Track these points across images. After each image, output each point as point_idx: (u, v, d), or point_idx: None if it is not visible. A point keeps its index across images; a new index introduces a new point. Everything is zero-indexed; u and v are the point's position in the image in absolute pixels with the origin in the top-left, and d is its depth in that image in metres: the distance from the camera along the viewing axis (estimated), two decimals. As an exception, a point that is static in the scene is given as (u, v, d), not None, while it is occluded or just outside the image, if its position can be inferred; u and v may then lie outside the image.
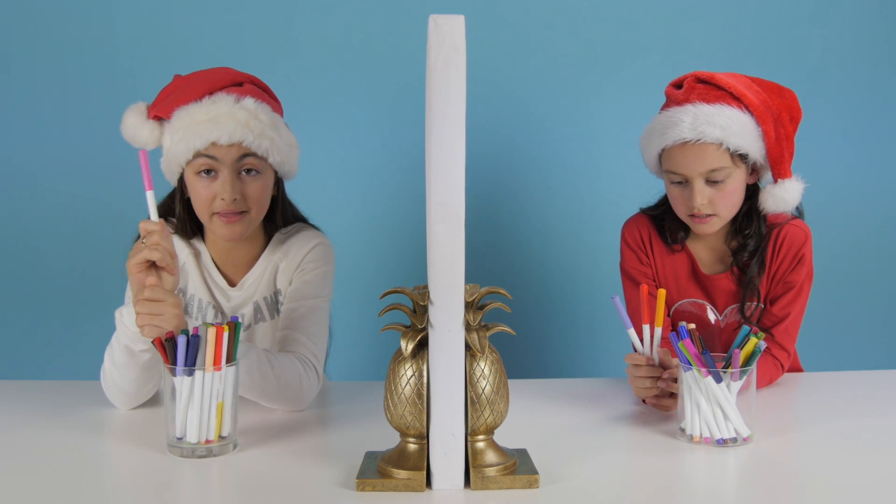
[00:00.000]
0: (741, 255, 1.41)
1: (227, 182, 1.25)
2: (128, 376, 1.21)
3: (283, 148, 1.30)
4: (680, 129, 1.31)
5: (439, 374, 0.89)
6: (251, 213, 1.28)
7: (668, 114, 1.34)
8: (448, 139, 0.83)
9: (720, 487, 0.95)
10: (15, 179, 2.04)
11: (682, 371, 1.09)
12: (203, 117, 1.23)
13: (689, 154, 1.32)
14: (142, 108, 1.30)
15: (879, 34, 2.08)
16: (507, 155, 2.07)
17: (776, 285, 1.41)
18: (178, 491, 0.94)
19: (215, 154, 1.24)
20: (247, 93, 1.28)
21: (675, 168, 1.35)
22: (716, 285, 1.44)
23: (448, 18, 0.82)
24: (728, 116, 1.29)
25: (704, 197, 1.33)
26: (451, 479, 0.91)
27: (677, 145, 1.33)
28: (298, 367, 1.23)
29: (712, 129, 1.29)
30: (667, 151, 1.35)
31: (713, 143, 1.30)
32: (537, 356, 2.10)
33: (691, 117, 1.30)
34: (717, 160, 1.31)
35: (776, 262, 1.40)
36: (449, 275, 0.86)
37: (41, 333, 2.07)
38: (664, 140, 1.34)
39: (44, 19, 2.00)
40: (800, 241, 1.40)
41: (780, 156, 1.34)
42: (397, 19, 2.02)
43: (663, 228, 1.47)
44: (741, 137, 1.30)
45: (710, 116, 1.29)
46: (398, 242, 2.07)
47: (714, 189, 1.33)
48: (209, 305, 1.37)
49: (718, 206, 1.35)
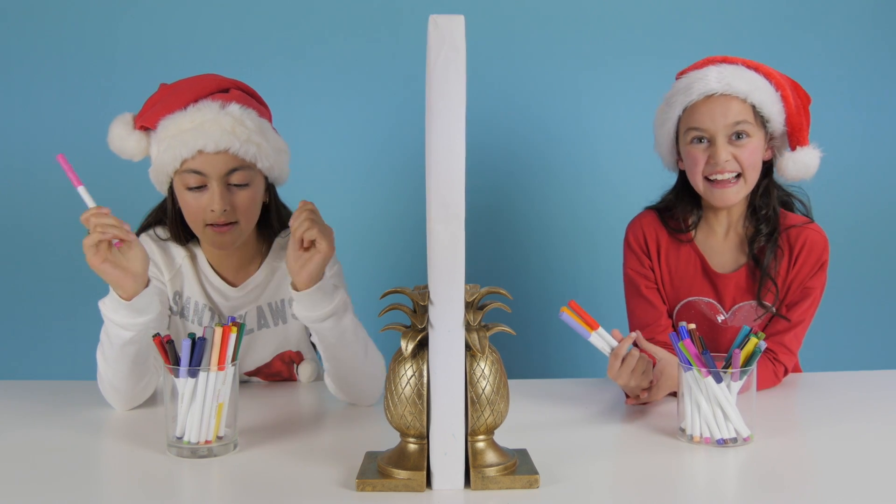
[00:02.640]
0: (757, 241, 1.39)
1: (216, 194, 1.25)
2: (121, 371, 1.20)
3: (270, 153, 1.29)
4: (707, 82, 1.34)
5: (439, 374, 0.89)
6: (240, 223, 1.29)
7: (691, 74, 1.37)
8: (448, 139, 0.83)
9: (720, 487, 0.95)
10: (15, 179, 2.04)
11: (682, 371, 1.09)
12: (188, 125, 1.23)
13: (715, 107, 1.34)
14: (128, 118, 1.30)
15: (877, 35, 2.08)
16: (507, 155, 2.07)
17: (795, 290, 1.39)
18: (178, 491, 0.94)
19: (203, 168, 1.24)
20: (232, 99, 1.27)
21: (699, 123, 1.35)
22: (727, 282, 1.42)
23: (448, 18, 0.82)
24: (751, 76, 1.34)
25: (728, 153, 1.34)
26: (451, 479, 0.91)
27: (702, 99, 1.34)
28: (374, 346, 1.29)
29: (739, 82, 1.33)
30: (690, 109, 1.36)
31: (739, 96, 1.33)
32: (537, 356, 2.10)
33: (716, 73, 1.34)
34: (742, 113, 1.33)
35: (796, 266, 1.38)
36: (449, 275, 0.86)
37: (41, 333, 2.07)
38: (689, 96, 1.35)
39: (44, 19, 2.00)
40: (820, 247, 1.39)
41: (800, 123, 1.37)
42: (397, 19, 2.02)
43: (670, 221, 1.46)
44: (765, 96, 1.34)
45: (735, 72, 1.34)
46: (398, 242, 2.07)
47: (736, 147, 1.34)
48: (205, 308, 1.37)
49: (743, 163, 1.34)
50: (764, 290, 1.38)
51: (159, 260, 1.36)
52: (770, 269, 1.38)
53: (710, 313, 1.44)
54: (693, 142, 1.37)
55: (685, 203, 1.44)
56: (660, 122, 1.43)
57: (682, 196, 1.45)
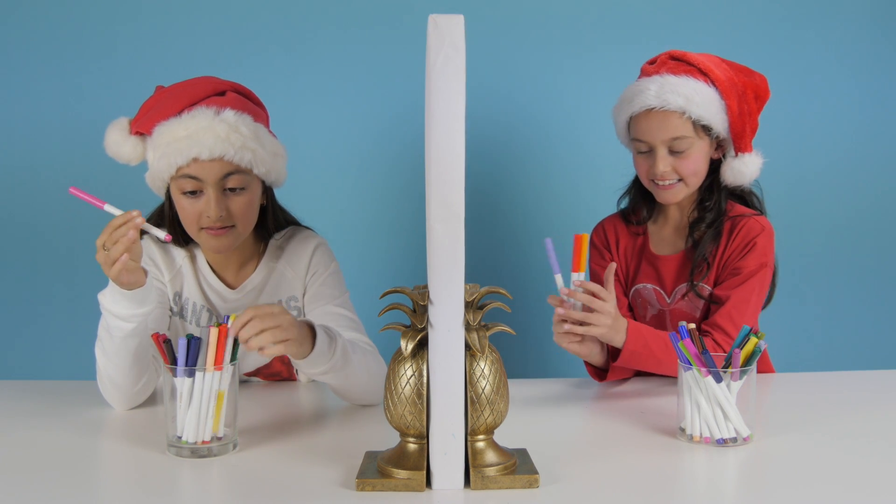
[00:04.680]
0: (698, 226, 1.45)
1: (213, 200, 1.24)
2: (122, 366, 1.20)
3: (266, 158, 1.29)
4: (645, 97, 1.39)
5: (439, 374, 0.89)
6: (237, 227, 1.28)
7: (637, 83, 1.43)
8: (448, 139, 0.83)
9: (720, 487, 0.95)
10: (14, 179, 2.04)
11: (682, 371, 1.09)
12: (183, 133, 1.23)
13: (653, 121, 1.39)
14: (124, 123, 1.30)
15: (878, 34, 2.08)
16: (506, 154, 2.07)
17: (724, 271, 1.43)
18: (178, 491, 0.94)
19: (198, 174, 1.24)
20: (227, 103, 1.26)
21: (640, 135, 1.42)
22: (666, 264, 1.48)
23: (448, 18, 0.82)
24: (692, 88, 1.38)
25: (667, 164, 1.40)
26: (451, 479, 0.91)
27: (643, 112, 1.40)
28: (375, 353, 1.27)
29: (676, 97, 1.37)
30: (633, 119, 1.43)
31: (676, 111, 1.37)
32: (537, 356, 2.10)
33: (657, 86, 1.39)
34: (679, 128, 1.38)
35: (729, 249, 1.43)
36: (449, 275, 0.86)
37: (41, 333, 2.07)
38: (631, 107, 1.41)
39: (44, 18, 2.00)
40: (754, 232, 1.42)
41: (742, 130, 1.41)
42: (397, 19, 2.02)
43: (631, 217, 1.54)
44: (704, 108, 1.37)
45: (675, 86, 1.38)
46: (398, 242, 2.07)
47: (676, 157, 1.40)
48: (203, 309, 1.37)
49: (682, 172, 1.41)
50: (697, 271, 1.44)
51: (160, 261, 1.36)
52: (707, 252, 1.43)
53: (654, 300, 1.50)
54: (638, 151, 1.45)
55: (636, 195, 1.53)
56: (615, 118, 1.49)
57: (636, 185, 1.54)
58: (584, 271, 1.26)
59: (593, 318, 1.24)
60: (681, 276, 1.47)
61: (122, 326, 1.16)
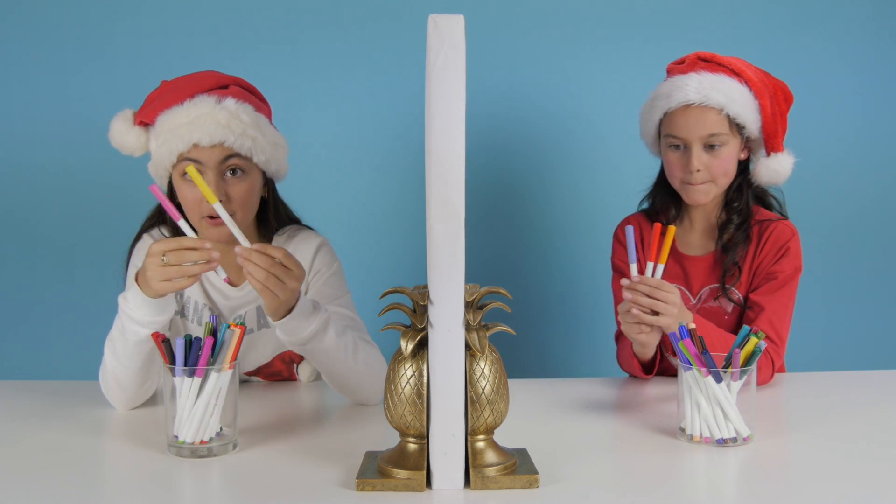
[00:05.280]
0: (727, 228, 1.45)
1: (212, 184, 1.24)
2: (130, 368, 1.20)
3: (267, 147, 1.29)
4: (685, 92, 1.38)
5: (439, 374, 0.89)
6: (237, 215, 1.28)
7: (674, 80, 1.42)
8: (448, 138, 0.83)
9: (720, 487, 0.95)
10: (14, 179, 2.04)
11: (682, 371, 1.09)
12: (184, 120, 1.24)
13: (691, 117, 1.39)
14: (128, 114, 1.31)
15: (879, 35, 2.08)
16: (507, 154, 2.07)
17: (760, 276, 1.43)
18: (178, 491, 0.94)
19: (199, 157, 1.24)
20: (229, 94, 1.27)
21: (676, 131, 1.41)
22: (695, 265, 1.48)
23: (447, 18, 0.82)
24: (729, 86, 1.38)
25: (701, 162, 1.40)
26: (451, 479, 0.91)
27: (680, 108, 1.39)
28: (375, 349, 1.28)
29: (716, 94, 1.37)
30: (669, 116, 1.42)
31: (715, 107, 1.37)
32: (537, 356, 2.10)
33: (696, 82, 1.39)
34: (717, 125, 1.38)
35: (761, 253, 1.43)
36: (449, 275, 0.86)
37: (41, 333, 2.07)
38: (669, 103, 1.40)
39: (44, 17, 2.00)
40: (786, 236, 1.43)
41: (775, 130, 1.42)
42: (397, 19, 2.02)
43: (654, 217, 1.53)
44: (741, 107, 1.38)
45: (714, 83, 1.38)
46: (398, 242, 2.07)
47: (710, 156, 1.39)
48: (205, 307, 1.37)
49: (714, 172, 1.40)
50: (729, 275, 1.44)
51: None
52: (737, 256, 1.43)
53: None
54: (670, 147, 1.43)
55: (664, 195, 1.52)
56: (645, 117, 1.48)
57: (661, 185, 1.52)
58: (664, 263, 1.26)
59: (662, 306, 1.24)
60: (709, 277, 1.47)
61: (138, 331, 1.16)
